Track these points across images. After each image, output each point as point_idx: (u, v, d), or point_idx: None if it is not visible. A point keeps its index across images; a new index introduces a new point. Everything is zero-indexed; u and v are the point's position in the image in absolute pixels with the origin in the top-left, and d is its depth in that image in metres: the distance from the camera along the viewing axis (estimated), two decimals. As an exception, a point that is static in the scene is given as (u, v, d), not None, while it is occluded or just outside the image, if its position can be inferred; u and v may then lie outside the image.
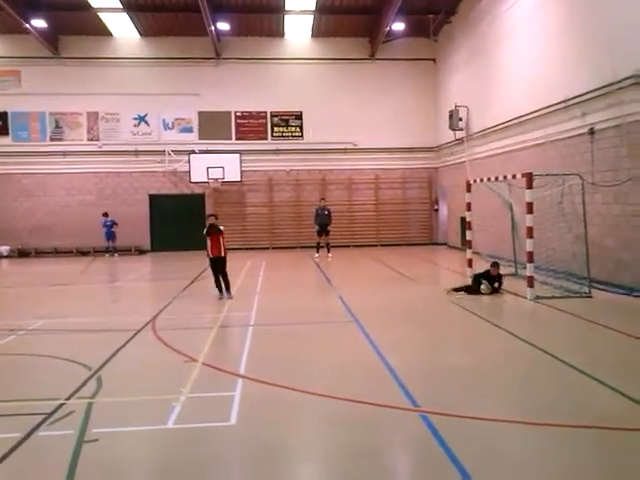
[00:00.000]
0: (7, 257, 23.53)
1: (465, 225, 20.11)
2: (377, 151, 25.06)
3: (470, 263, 14.61)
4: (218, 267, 11.90)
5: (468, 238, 14.93)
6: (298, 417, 5.50)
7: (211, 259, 12.01)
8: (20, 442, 4.85)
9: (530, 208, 11.14)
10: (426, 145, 25.19)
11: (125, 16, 22.78)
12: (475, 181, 14.52)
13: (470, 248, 14.79)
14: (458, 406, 5.52)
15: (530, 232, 11.23)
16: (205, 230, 12.00)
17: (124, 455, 4.71)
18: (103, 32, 23.85)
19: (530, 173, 11.28)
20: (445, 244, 24.35)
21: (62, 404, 5.77)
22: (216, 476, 4.40)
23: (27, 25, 21.54)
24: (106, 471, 4.39)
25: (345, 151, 24.99)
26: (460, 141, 21.54)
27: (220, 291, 11.97)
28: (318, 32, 24.37)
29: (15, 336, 9.05)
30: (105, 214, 23.53)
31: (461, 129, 21.04)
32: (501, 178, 13.02)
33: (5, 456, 4.58)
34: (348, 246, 23.98)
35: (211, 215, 12.44)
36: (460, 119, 20.97)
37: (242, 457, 4.68)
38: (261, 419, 5.38)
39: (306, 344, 8.45)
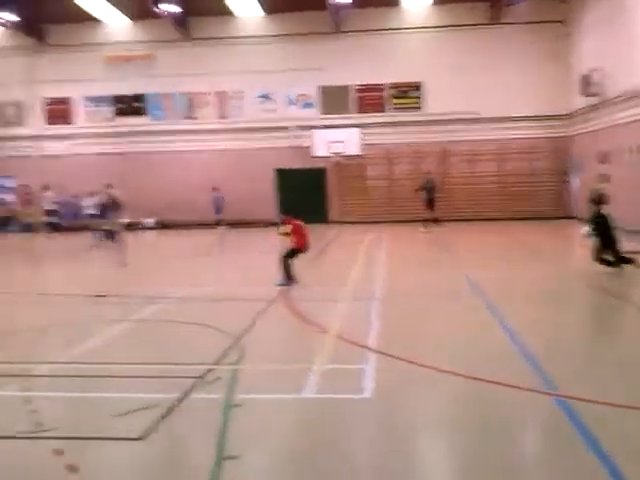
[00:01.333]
0: (150, 229, 25.45)
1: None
2: (501, 120, 24.11)
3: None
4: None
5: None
6: (430, 394, 5.63)
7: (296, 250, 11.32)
8: (177, 402, 5.39)
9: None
10: (554, 113, 23.87)
11: (250, -6, 23.46)
12: (612, 150, 13.58)
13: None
14: (600, 393, 5.34)
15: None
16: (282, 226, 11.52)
17: (269, 421, 5.08)
18: (230, 12, 24.73)
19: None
20: (576, 217, 23.08)
21: (210, 369, 6.30)
22: (353, 446, 4.65)
23: (161, 10, 22.83)
24: (253, 434, 4.78)
25: (467, 121, 24.28)
26: (594, 107, 20.16)
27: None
28: (438, -2, 23.70)
29: (160, 304, 9.88)
30: (215, 189, 24.26)
31: (595, 95, 19.66)
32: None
33: (165, 415, 5.11)
34: (471, 219, 23.46)
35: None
36: (594, 83, 19.58)
37: (377, 429, 4.89)
38: (394, 393, 5.57)
39: (433, 319, 8.52)
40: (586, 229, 11.05)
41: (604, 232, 10.93)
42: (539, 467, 4.27)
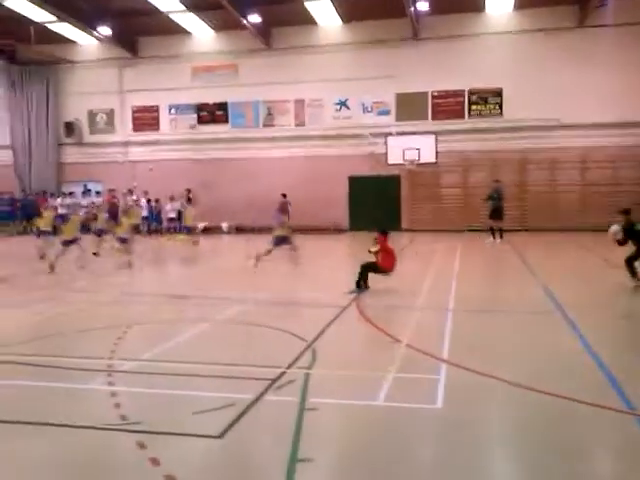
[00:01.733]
0: (227, 233, 26.19)
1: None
2: (585, 127, 23.24)
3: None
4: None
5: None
6: (503, 408, 5.57)
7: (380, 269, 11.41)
8: (252, 403, 5.59)
9: None
10: (640, 119, 22.76)
11: (329, 3, 23.78)
12: None
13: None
14: (682, 414, 5.15)
15: None
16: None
17: (341, 426, 5.21)
18: (309, 21, 25.20)
19: None
20: (664, 230, 21.87)
21: (284, 372, 6.49)
22: (422, 455, 4.69)
23: (244, 21, 23.61)
24: (326, 439, 4.92)
25: (548, 128, 23.56)
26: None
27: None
28: (521, 3, 23.18)
29: (240, 306, 10.18)
30: (284, 195, 24.71)
31: (689, 100, 18.64)
32: None
33: (241, 415, 5.31)
34: (550, 230, 22.72)
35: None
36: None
37: (448, 439, 4.91)
38: (466, 405, 5.55)
39: (507, 332, 8.38)
40: (615, 228, 11.61)
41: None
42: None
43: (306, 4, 23.92)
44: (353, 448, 4.83)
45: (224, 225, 26.50)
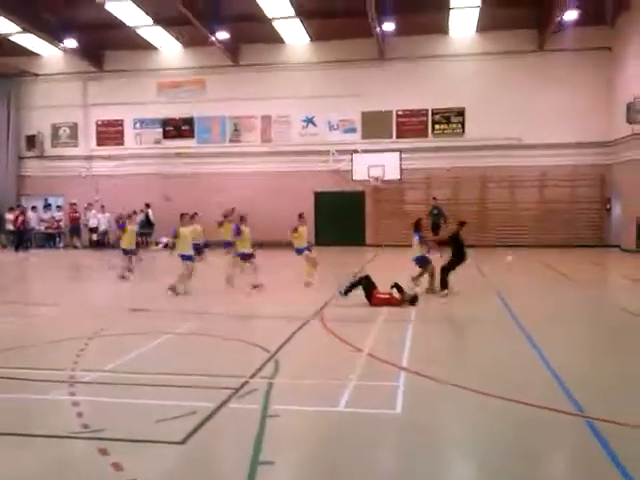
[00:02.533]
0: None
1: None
2: (543, 147, 24.04)
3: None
4: None
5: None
6: (460, 413, 5.75)
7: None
8: (214, 411, 5.66)
9: None
10: (598, 140, 23.66)
11: (297, 22, 24.17)
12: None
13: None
14: (629, 416, 5.40)
15: None
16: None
17: (303, 431, 5.32)
18: (277, 39, 25.54)
19: None
20: (617, 247, 22.71)
21: (246, 382, 6.57)
22: (385, 458, 4.84)
23: (213, 37, 23.80)
24: (288, 443, 5.02)
25: (509, 147, 24.28)
26: (638, 136, 19.94)
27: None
28: (483, 26, 23.96)
29: (201, 319, 10.24)
30: (232, 209, 24.84)
31: (640, 122, 19.51)
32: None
33: (203, 422, 5.38)
34: (509, 246, 23.29)
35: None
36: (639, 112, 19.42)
37: (407, 444, 5.06)
38: (424, 411, 5.73)
39: (465, 342, 8.64)
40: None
41: None
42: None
43: (274, 23, 24.26)
44: (313, 451, 4.95)
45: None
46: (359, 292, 11.44)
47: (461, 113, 24.80)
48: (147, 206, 25.54)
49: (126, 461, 4.58)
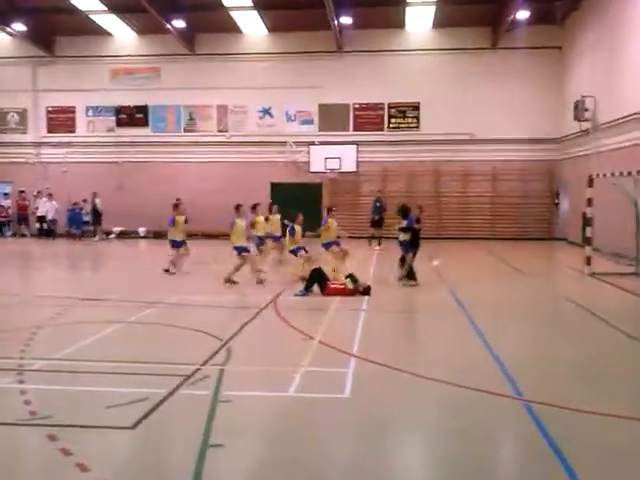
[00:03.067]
0: (144, 237, 25.80)
1: (586, 221, 19.46)
2: (495, 142, 24.59)
3: (589, 261, 14.23)
4: None
5: (588, 235, 14.51)
6: (407, 397, 5.94)
7: None
8: (166, 397, 5.70)
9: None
10: (547, 136, 24.37)
11: (254, 13, 24.03)
12: (598, 175, 14.06)
13: (589, 245, 14.37)
14: (564, 399, 5.67)
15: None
16: None
17: (253, 415, 5.42)
18: (234, 29, 25.32)
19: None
20: (565, 240, 23.51)
21: (198, 369, 6.62)
22: (333, 440, 4.97)
23: (168, 25, 23.45)
24: (238, 427, 5.10)
25: (462, 142, 24.79)
26: (585, 133, 20.68)
27: None
28: (439, 23, 24.28)
29: (154, 308, 10.19)
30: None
31: (586, 120, 20.18)
32: (626, 173, 12.56)
33: (154, 408, 5.42)
34: (462, 239, 23.86)
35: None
36: (586, 109, 20.11)
37: (354, 426, 5.22)
38: (372, 395, 5.91)
39: (414, 330, 8.89)
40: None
41: None
42: (505, 466, 4.60)
43: (232, 12, 24.05)
44: (263, 435, 5.07)
45: (141, 229, 26.11)
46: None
47: (416, 108, 25.16)
48: (95, 195, 25.09)
49: (75, 446, 4.59)
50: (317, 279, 11.51)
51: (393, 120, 25.31)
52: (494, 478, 4.40)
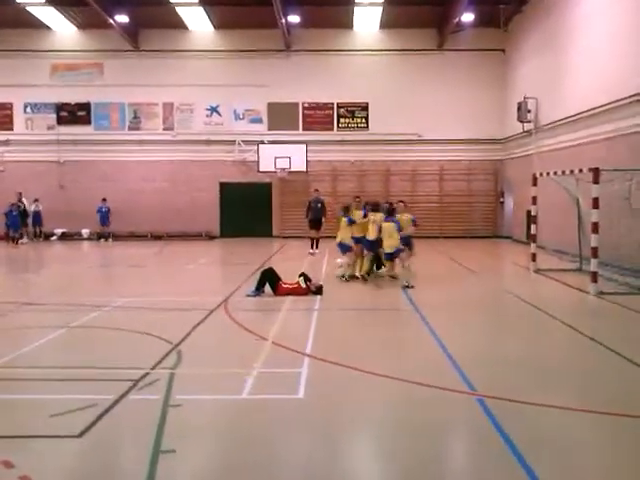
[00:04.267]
0: (87, 239, 25.03)
1: (530, 219, 20.04)
2: (442, 142, 25.06)
3: (534, 257, 14.62)
4: None
5: (532, 232, 14.92)
6: (361, 395, 5.90)
7: None
8: (114, 403, 5.49)
9: (596, 203, 11.10)
10: (492, 137, 25.00)
11: (201, 10, 23.65)
12: (541, 174, 14.47)
13: (534, 242, 14.77)
14: (515, 393, 5.75)
15: (595, 228, 11.20)
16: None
17: (205, 419, 5.27)
18: (180, 25, 24.87)
19: (597, 168, 11.23)
20: (510, 237, 24.15)
21: (147, 373, 6.41)
22: (286, 441, 4.89)
23: (111, 20, 22.80)
24: (190, 432, 4.95)
25: (410, 142, 25.11)
26: (528, 133, 21.28)
27: None
28: (386, 23, 24.51)
29: (100, 312, 9.86)
30: (104, 200, 24.56)
31: (529, 121, 20.78)
32: (568, 172, 12.95)
33: (102, 414, 5.21)
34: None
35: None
36: (529, 111, 20.69)
37: (309, 426, 5.14)
38: (326, 394, 5.85)
39: (368, 329, 8.87)
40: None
41: None
42: (459, 459, 4.62)
43: (177, 8, 23.60)
44: (216, 439, 4.94)
45: (84, 231, 25.34)
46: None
47: (365, 108, 25.31)
48: (20, 195, 24.20)
49: (17, 458, 4.35)
50: (269, 279, 11.38)
51: (342, 120, 25.39)
52: (451, 470, 4.41)
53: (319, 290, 11.35)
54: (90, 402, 5.48)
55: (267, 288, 11.36)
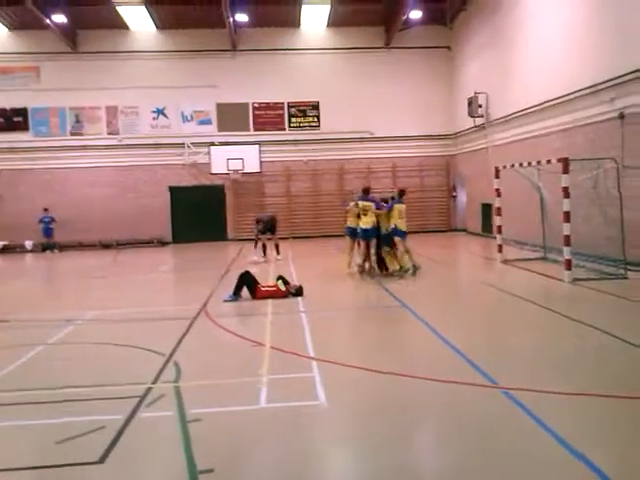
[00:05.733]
0: (31, 251, 23.75)
1: (487, 211, 20.41)
2: (394, 139, 25.21)
3: (500, 249, 14.86)
4: None
5: (498, 224, 15.15)
6: (383, 396, 5.68)
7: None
8: (126, 423, 5.07)
9: (566, 193, 11.33)
10: (443, 132, 25.35)
11: (143, 9, 22.87)
12: (505, 167, 14.70)
13: (500, 233, 15.01)
14: (537, 383, 5.69)
15: (567, 216, 11.42)
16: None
17: (231, 432, 4.92)
18: (121, 25, 23.96)
19: (566, 158, 11.46)
20: (464, 230, 24.56)
21: (150, 388, 6.00)
22: (325, 450, 4.64)
23: (47, 20, 21.70)
24: (220, 447, 4.62)
25: (362, 140, 25.14)
26: (479, 128, 21.68)
27: None
28: (334, 22, 24.43)
29: (73, 326, 9.24)
30: (45, 209, 23.67)
31: (481, 116, 21.16)
32: (534, 163, 13.20)
33: (117, 436, 4.79)
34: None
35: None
36: (480, 106, 21.08)
37: (342, 434, 4.91)
38: (348, 398, 5.63)
39: (364, 328, 8.70)
40: None
41: None
42: (516, 456, 4.49)
43: (118, 8, 22.72)
44: (250, 452, 4.61)
45: (27, 243, 24.03)
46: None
47: (316, 107, 25.15)
48: None
49: (39, 492, 3.92)
50: (246, 283, 11.03)
51: (294, 119, 25.12)
52: (510, 465, 4.26)
53: (299, 291, 11.08)
54: (97, 424, 5.06)
55: (244, 292, 11.00)
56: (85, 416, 5.30)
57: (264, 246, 17.44)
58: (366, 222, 12.87)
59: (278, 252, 17.39)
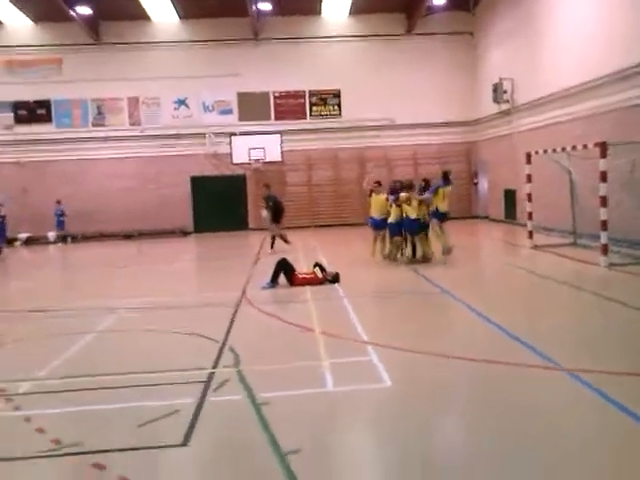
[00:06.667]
0: (54, 243, 23.91)
1: (511, 198, 20.36)
2: (415, 127, 25.09)
3: (531, 235, 14.84)
4: None
5: (528, 210, 15.11)
6: (446, 378, 5.75)
7: None
8: (198, 408, 5.16)
9: (604, 177, 11.29)
10: (464, 119, 25.20)
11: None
12: (537, 152, 14.63)
13: (531, 219, 14.98)
14: (602, 364, 5.74)
15: (604, 201, 11.39)
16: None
17: (306, 415, 5.01)
18: (143, 16, 23.96)
19: (604, 142, 11.41)
20: (486, 217, 24.48)
21: (212, 373, 6.11)
22: (406, 431, 4.71)
23: (71, 12, 21.75)
24: (300, 428, 4.71)
25: (383, 128, 25.08)
26: (503, 114, 21.54)
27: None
28: (355, 9, 24.28)
29: (117, 314, 9.33)
30: (58, 202, 23.77)
31: (507, 101, 21.01)
32: (568, 149, 13.14)
33: (194, 419, 4.90)
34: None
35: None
36: (505, 91, 20.93)
37: (417, 414, 4.95)
38: (413, 380, 5.70)
39: (410, 313, 8.75)
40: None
41: None
42: (600, 441, 4.53)
43: (139, -1, 22.75)
44: (331, 433, 4.70)
45: (50, 234, 24.22)
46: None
47: (337, 95, 25.10)
48: None
49: (132, 473, 4.02)
50: (284, 269, 11.11)
51: (315, 108, 25.10)
52: (587, 447, 4.31)
53: (336, 278, 11.15)
54: (170, 408, 5.17)
55: (281, 279, 11.09)
56: (156, 401, 5.40)
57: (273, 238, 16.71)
58: (412, 212, 12.83)
59: (272, 246, 16.50)
